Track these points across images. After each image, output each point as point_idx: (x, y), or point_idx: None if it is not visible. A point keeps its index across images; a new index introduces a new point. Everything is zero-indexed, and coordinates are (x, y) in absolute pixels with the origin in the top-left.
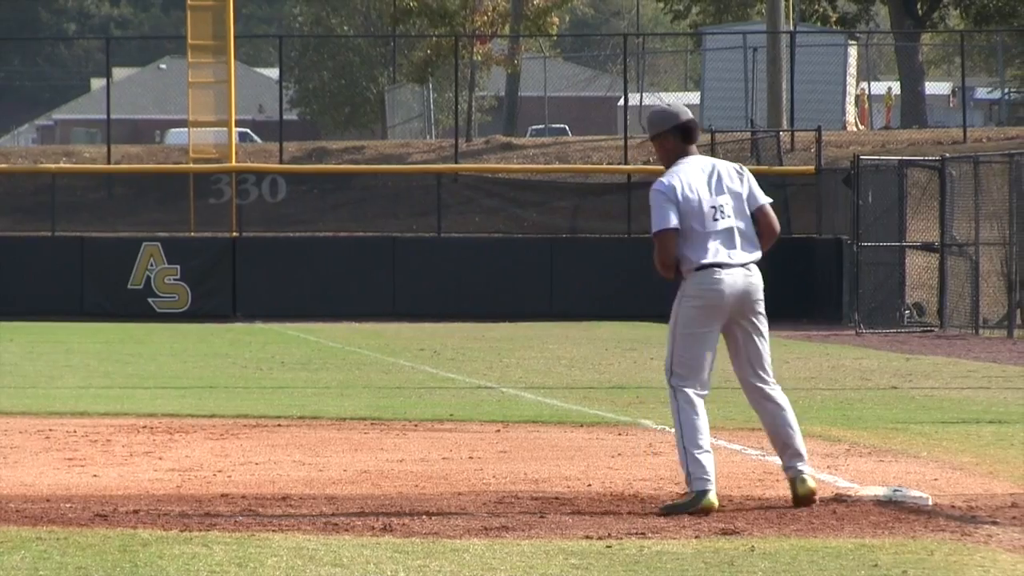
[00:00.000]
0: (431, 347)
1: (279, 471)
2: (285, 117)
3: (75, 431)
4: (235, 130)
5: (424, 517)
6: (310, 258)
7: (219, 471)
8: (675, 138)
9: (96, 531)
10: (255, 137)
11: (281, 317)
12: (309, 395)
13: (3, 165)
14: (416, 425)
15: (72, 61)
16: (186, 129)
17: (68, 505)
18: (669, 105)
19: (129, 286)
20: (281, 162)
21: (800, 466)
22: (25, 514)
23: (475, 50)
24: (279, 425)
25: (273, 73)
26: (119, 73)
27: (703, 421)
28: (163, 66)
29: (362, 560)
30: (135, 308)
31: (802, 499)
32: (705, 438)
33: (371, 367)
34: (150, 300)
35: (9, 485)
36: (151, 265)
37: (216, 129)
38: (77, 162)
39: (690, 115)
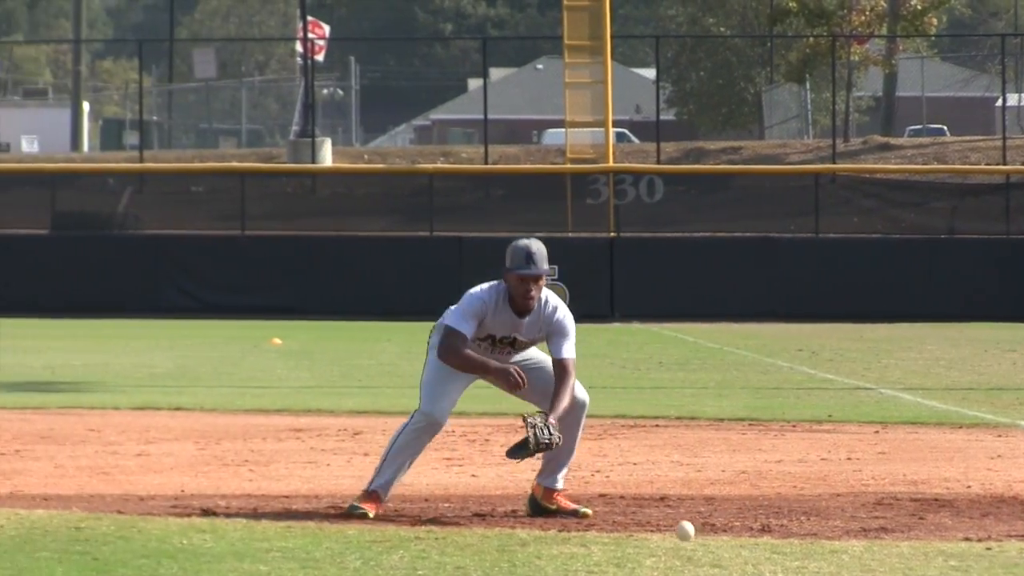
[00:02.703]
0: (809, 348)
1: (657, 471)
2: (662, 117)
3: (453, 431)
4: (612, 130)
5: (802, 518)
6: (687, 258)
7: (597, 471)
8: None
9: (474, 531)
10: (632, 137)
11: (658, 317)
12: (687, 395)
13: (381, 165)
14: (794, 426)
15: (448, 61)
16: (563, 129)
17: (446, 505)
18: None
19: None
20: (658, 162)
21: None
22: (404, 514)
23: (852, 50)
24: (657, 425)
25: (650, 73)
26: (496, 73)
27: None
28: (540, 66)
29: (740, 561)
30: None
31: None
32: None
33: (749, 367)
34: None
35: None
36: None
37: (593, 129)
38: (454, 162)
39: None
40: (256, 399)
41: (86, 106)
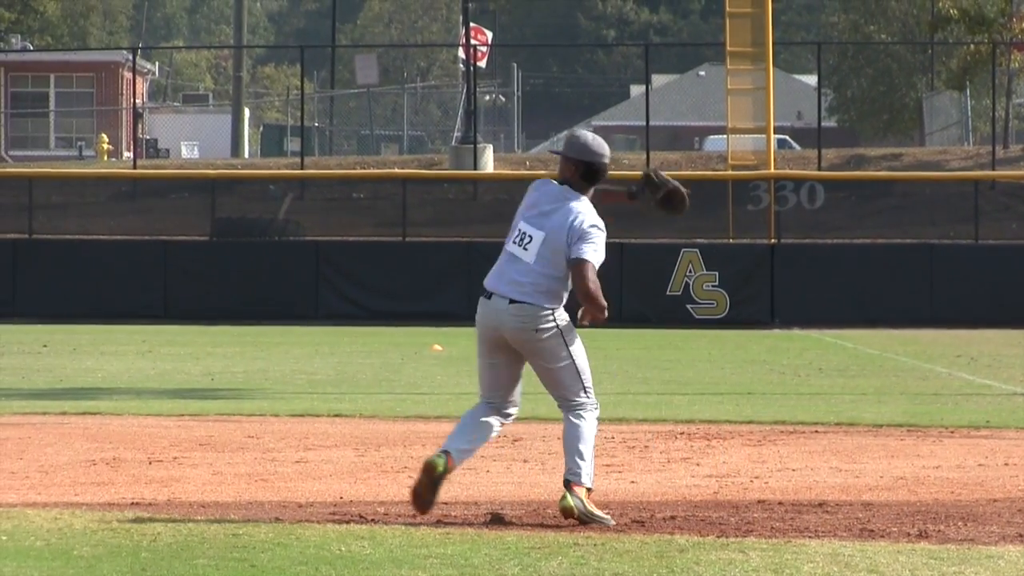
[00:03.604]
0: (967, 354)
1: (815, 477)
2: (824, 124)
3: (613, 437)
4: (773, 137)
5: (959, 523)
6: (847, 264)
7: (756, 477)
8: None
9: (633, 537)
10: (793, 144)
11: (818, 324)
12: (846, 401)
13: (543, 172)
14: (952, 432)
15: (611, 68)
16: (725, 136)
17: (605, 511)
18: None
19: (668, 292)
20: (819, 169)
21: (567, 476)
22: (562, 520)
23: (1013, 57)
24: (816, 431)
25: (811, 80)
26: (658, 80)
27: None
28: (702, 73)
29: (897, 566)
30: (673, 314)
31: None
32: (455, 438)
33: (908, 373)
34: (688, 306)
35: (549, 491)
36: (689, 271)
37: (755, 136)
38: (617, 169)
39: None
40: (416, 406)
41: (247, 112)
